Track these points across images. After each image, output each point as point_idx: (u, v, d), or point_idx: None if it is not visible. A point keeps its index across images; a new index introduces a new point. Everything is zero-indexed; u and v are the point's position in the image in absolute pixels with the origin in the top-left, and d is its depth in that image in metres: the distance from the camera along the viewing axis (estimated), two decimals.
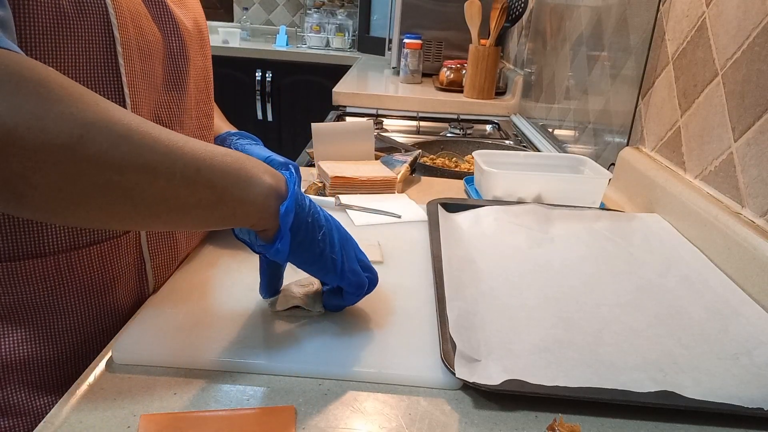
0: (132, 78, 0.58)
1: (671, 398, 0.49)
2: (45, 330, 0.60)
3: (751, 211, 0.72)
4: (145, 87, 0.60)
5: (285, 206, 0.50)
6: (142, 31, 0.59)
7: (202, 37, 0.72)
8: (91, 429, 0.45)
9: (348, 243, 0.57)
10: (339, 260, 0.55)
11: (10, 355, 0.60)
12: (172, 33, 0.64)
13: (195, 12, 0.72)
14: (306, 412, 0.48)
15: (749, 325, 0.61)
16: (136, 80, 0.59)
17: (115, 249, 0.61)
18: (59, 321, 0.60)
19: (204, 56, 0.73)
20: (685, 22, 0.91)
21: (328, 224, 0.55)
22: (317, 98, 3.00)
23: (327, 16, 3.43)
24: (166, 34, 0.64)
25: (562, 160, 1.05)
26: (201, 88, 0.73)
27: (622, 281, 0.70)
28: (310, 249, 0.54)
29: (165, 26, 0.64)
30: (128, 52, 0.57)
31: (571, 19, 1.46)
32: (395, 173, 1.02)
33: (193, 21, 0.70)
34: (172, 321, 0.58)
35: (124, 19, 0.56)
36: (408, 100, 2.00)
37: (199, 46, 0.71)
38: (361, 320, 0.60)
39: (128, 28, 0.57)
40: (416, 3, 2.34)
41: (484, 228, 0.81)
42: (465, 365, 0.51)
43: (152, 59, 0.61)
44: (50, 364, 0.61)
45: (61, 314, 0.60)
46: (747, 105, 0.74)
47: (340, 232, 0.56)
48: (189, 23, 0.69)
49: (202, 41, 0.72)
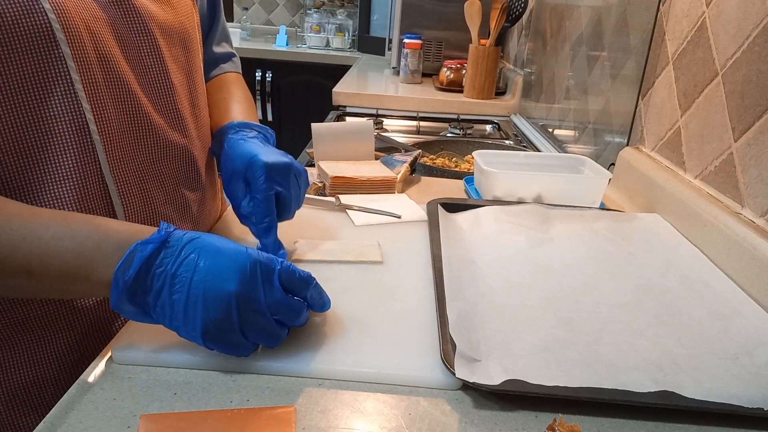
0: (92, 88, 0.57)
1: (671, 398, 0.49)
2: (43, 351, 0.60)
3: (751, 211, 0.72)
4: (111, 95, 0.59)
5: (113, 299, 0.48)
6: (101, 37, 0.58)
7: (187, 36, 0.70)
8: (91, 429, 0.45)
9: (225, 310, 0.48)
10: (198, 326, 0.48)
11: (12, 379, 0.60)
12: (141, 34, 0.62)
13: (181, 12, 0.69)
14: (306, 412, 0.48)
15: (749, 325, 0.61)
16: (98, 90, 0.57)
17: None
18: (56, 341, 0.60)
19: (190, 55, 0.71)
20: (685, 22, 0.91)
21: (186, 294, 0.47)
22: (317, 98, 3.00)
23: (327, 16, 3.43)
24: (134, 36, 0.62)
25: (562, 160, 1.05)
26: (187, 90, 0.71)
27: (622, 281, 0.70)
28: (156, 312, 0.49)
29: (132, 28, 0.61)
30: (85, 64, 0.56)
31: (571, 19, 1.46)
32: (395, 173, 1.02)
33: (178, 22, 0.68)
34: None
35: (75, 31, 0.55)
36: (408, 100, 2.00)
37: (181, 47, 0.69)
38: (361, 320, 0.60)
39: (82, 40, 0.55)
40: (416, 3, 2.34)
41: (484, 228, 0.81)
42: (465, 365, 0.51)
43: (118, 64, 0.59)
44: (50, 385, 0.61)
45: (57, 333, 0.60)
46: (747, 105, 0.74)
47: (212, 305, 0.47)
48: (172, 23, 0.67)
49: (185, 41, 0.70)
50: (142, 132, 0.63)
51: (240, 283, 0.48)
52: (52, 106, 0.55)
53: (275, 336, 0.51)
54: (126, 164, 0.62)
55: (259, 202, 0.65)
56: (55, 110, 0.55)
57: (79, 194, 0.58)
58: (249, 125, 0.75)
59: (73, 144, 0.57)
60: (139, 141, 0.63)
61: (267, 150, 0.68)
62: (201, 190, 0.74)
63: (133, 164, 0.63)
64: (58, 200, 0.57)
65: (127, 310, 0.49)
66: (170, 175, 0.68)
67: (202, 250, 0.48)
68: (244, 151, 0.67)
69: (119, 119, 0.60)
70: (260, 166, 0.64)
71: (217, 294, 0.47)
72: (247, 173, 0.65)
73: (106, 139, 0.59)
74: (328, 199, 0.92)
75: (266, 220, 0.65)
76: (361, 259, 0.73)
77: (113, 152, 0.60)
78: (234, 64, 0.94)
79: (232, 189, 0.67)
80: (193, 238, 0.49)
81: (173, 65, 0.67)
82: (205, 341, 0.49)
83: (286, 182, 0.66)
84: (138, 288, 0.47)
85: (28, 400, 0.61)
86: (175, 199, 0.69)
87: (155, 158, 0.65)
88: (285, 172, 0.66)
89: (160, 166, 0.66)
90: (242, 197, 0.67)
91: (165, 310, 0.48)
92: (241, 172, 0.66)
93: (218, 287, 0.47)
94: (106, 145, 0.59)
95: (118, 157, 0.61)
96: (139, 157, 0.63)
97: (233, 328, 0.48)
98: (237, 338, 0.49)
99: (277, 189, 0.65)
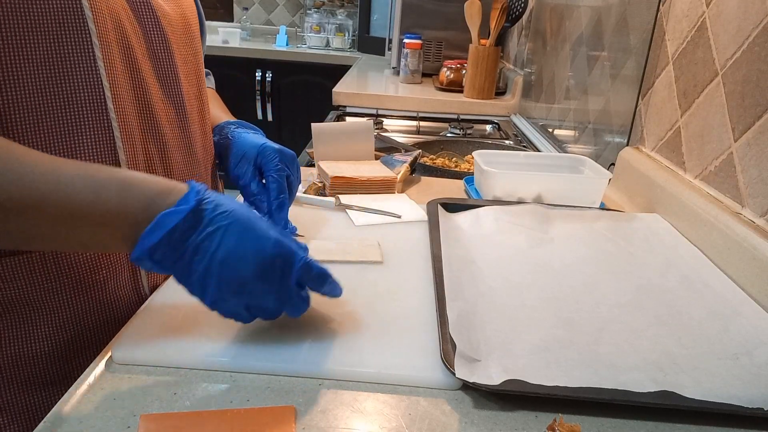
0: (111, 69, 0.58)
1: (671, 398, 0.49)
2: (35, 326, 0.60)
3: (751, 211, 0.72)
4: (126, 79, 0.61)
5: (134, 256, 0.48)
6: (121, 24, 0.60)
7: (190, 30, 0.72)
8: (91, 429, 0.45)
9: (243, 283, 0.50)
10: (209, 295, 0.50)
11: (3, 353, 0.60)
12: (154, 27, 0.65)
13: (184, 6, 0.72)
14: (306, 412, 0.48)
15: (749, 325, 0.61)
16: (116, 72, 0.59)
17: None
18: (49, 317, 0.60)
19: (193, 49, 0.73)
20: (685, 22, 0.91)
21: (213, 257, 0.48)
22: (317, 98, 3.00)
23: (327, 16, 3.43)
24: (146, 28, 0.64)
25: (562, 160, 1.05)
26: (192, 82, 0.73)
27: (622, 281, 0.70)
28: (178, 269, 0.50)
29: (145, 20, 0.64)
30: (106, 44, 0.57)
31: (571, 19, 1.46)
32: (395, 173, 1.02)
33: (181, 15, 0.70)
34: (172, 321, 0.58)
35: (99, 10, 0.56)
36: (408, 100, 2.00)
37: (186, 40, 0.71)
38: (361, 320, 0.60)
39: (105, 20, 0.57)
40: (416, 3, 2.34)
41: (484, 228, 0.81)
42: (465, 365, 0.51)
43: (134, 51, 0.62)
44: (42, 360, 0.61)
45: (51, 310, 0.60)
46: (747, 105, 0.74)
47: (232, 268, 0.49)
48: (176, 17, 0.69)
49: (189, 35, 0.72)
50: (151, 120, 0.65)
51: (257, 272, 0.49)
52: (74, 80, 0.56)
53: (275, 317, 0.54)
54: (137, 148, 0.63)
55: (274, 180, 0.72)
56: (77, 84, 0.56)
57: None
58: (245, 125, 0.82)
59: (92, 120, 0.58)
60: (148, 128, 0.64)
61: (271, 141, 0.76)
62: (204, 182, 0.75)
63: (143, 148, 0.64)
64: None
65: (146, 266, 0.49)
66: (176, 164, 0.69)
67: (230, 226, 0.49)
68: (252, 140, 0.76)
69: (132, 105, 0.62)
70: (274, 151, 0.73)
71: (233, 275, 0.49)
72: (258, 158, 0.73)
73: (121, 120, 0.60)
74: (328, 199, 0.92)
75: (281, 197, 0.72)
76: (361, 259, 0.73)
77: (127, 135, 0.61)
78: (210, 81, 0.96)
79: (241, 172, 0.75)
80: (223, 212, 0.49)
81: (179, 59, 0.69)
82: (212, 308, 0.51)
83: (292, 167, 0.75)
84: (161, 250, 0.48)
85: (19, 375, 0.61)
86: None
87: (161, 145, 0.66)
88: (291, 159, 0.75)
89: (166, 153, 0.67)
90: (251, 179, 0.74)
91: (183, 273, 0.49)
92: (252, 157, 0.74)
93: (236, 269, 0.49)
94: (122, 126, 0.60)
95: (131, 140, 0.62)
96: (148, 141, 0.65)
97: (240, 304, 0.51)
98: (240, 312, 0.52)
99: (288, 171, 0.73)
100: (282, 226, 0.73)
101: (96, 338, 0.63)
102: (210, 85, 0.96)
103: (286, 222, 0.74)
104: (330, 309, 0.61)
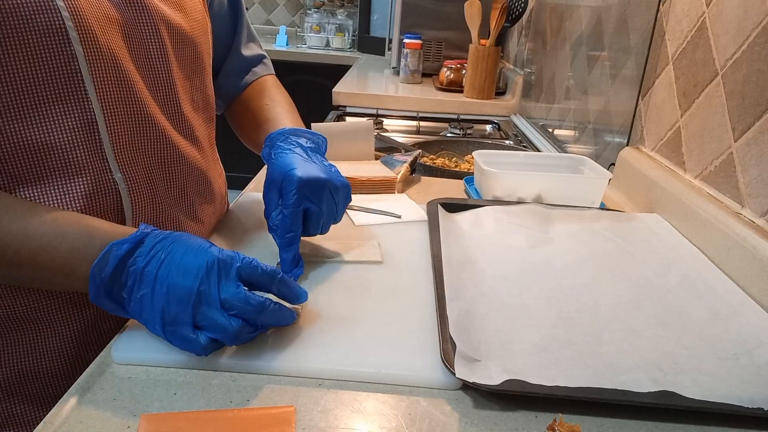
0: (102, 88, 0.58)
1: (671, 398, 0.49)
2: (42, 342, 0.60)
3: (751, 211, 0.72)
4: (119, 95, 0.60)
5: (91, 294, 0.51)
6: (112, 38, 0.58)
7: (198, 42, 0.71)
8: (91, 429, 0.45)
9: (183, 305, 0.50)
10: (158, 325, 0.51)
11: (11, 369, 0.60)
12: (151, 37, 0.63)
13: (192, 16, 0.70)
14: (306, 412, 0.48)
15: (749, 325, 0.61)
16: (108, 90, 0.58)
17: None
18: (54, 333, 0.61)
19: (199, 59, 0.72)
20: (685, 22, 0.91)
21: (152, 288, 0.50)
22: (317, 98, 2.99)
23: (327, 16, 3.43)
24: (143, 38, 0.62)
25: (562, 160, 1.05)
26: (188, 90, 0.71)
27: (622, 281, 0.70)
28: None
29: (142, 30, 0.62)
30: (96, 64, 0.56)
31: (571, 19, 1.46)
32: (395, 173, 1.02)
33: (189, 26, 0.69)
34: None
35: (88, 29, 0.55)
36: (408, 100, 2.00)
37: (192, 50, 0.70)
38: (360, 320, 0.60)
39: (95, 39, 0.56)
40: (416, 3, 2.34)
41: (484, 228, 0.81)
42: (465, 365, 0.51)
43: (127, 66, 0.60)
44: (49, 375, 0.62)
45: (56, 326, 0.60)
46: (747, 105, 0.74)
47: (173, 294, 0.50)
48: (183, 26, 0.67)
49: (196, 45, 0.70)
50: (149, 133, 0.64)
51: (197, 279, 0.49)
52: (61, 103, 0.55)
53: (231, 332, 0.50)
54: (135, 164, 0.62)
55: (285, 216, 0.65)
56: (64, 107, 0.56)
57: (88, 191, 0.58)
58: (297, 132, 0.74)
59: (82, 142, 0.57)
60: (146, 142, 0.64)
61: (306, 164, 0.67)
62: (206, 192, 0.75)
63: (142, 164, 0.63)
64: (66, 197, 0.57)
65: (106, 305, 0.52)
66: (177, 176, 0.68)
67: (170, 248, 0.51)
68: (284, 162, 0.67)
69: (128, 119, 0.61)
70: (293, 181, 0.64)
71: (177, 289, 0.49)
72: (282, 185, 0.66)
73: (114, 138, 0.59)
74: None
75: (288, 235, 0.65)
76: (361, 259, 0.73)
77: (122, 151, 0.60)
78: (266, 67, 0.92)
79: (267, 199, 0.68)
80: (165, 237, 0.52)
81: (178, 70, 0.67)
82: (165, 335, 0.51)
83: (318, 198, 0.65)
84: (114, 284, 0.51)
85: (26, 390, 0.61)
86: (182, 199, 0.70)
87: (162, 159, 0.66)
88: (318, 189, 0.65)
89: (166, 167, 0.67)
90: (273, 208, 0.67)
91: (136, 304, 0.51)
92: (277, 183, 0.66)
93: (178, 283, 0.49)
94: (115, 144, 0.59)
95: (127, 156, 0.61)
96: (147, 157, 0.64)
97: (187, 321, 0.50)
98: (188, 333, 0.50)
99: (307, 205, 0.65)
100: (288, 266, 0.66)
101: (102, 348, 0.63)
102: (267, 72, 0.92)
103: (293, 261, 0.66)
104: (330, 309, 0.61)
